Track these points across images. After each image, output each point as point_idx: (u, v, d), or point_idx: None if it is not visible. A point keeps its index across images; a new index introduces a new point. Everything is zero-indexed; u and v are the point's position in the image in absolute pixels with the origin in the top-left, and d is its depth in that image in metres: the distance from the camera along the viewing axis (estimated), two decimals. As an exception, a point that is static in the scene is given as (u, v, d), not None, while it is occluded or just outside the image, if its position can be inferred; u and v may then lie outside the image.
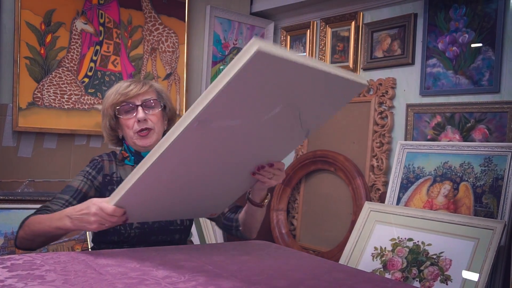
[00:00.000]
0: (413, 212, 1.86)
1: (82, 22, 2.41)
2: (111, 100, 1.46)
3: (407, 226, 1.82)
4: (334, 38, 2.81)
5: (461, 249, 1.62)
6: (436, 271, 1.63)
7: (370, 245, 1.88)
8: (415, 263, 1.70)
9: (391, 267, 1.76)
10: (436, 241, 1.71)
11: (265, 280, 0.93)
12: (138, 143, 1.47)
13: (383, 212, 1.93)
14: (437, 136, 2.22)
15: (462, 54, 2.14)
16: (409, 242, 1.78)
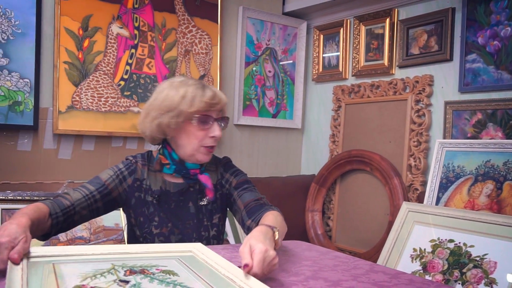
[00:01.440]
0: (453, 212, 1.79)
1: (117, 26, 2.46)
2: (192, 104, 1.34)
3: (447, 227, 1.75)
4: (368, 35, 2.76)
5: (507, 251, 1.54)
6: (480, 273, 1.56)
7: (409, 246, 1.82)
8: (457, 265, 1.63)
9: (431, 269, 1.70)
10: (479, 242, 1.63)
11: (303, 280, 0.91)
12: (199, 158, 1.40)
13: (421, 213, 1.87)
14: (477, 134, 2.15)
15: (504, 48, 2.06)
16: (450, 243, 1.71)
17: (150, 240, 1.36)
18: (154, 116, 1.37)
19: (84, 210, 1.31)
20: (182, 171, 1.42)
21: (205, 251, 1.07)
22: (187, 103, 1.34)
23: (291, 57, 3.20)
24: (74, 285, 0.81)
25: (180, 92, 1.35)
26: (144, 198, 1.39)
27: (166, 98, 1.36)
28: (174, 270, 0.93)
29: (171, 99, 1.35)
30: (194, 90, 1.35)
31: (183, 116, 1.34)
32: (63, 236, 1.99)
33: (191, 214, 1.42)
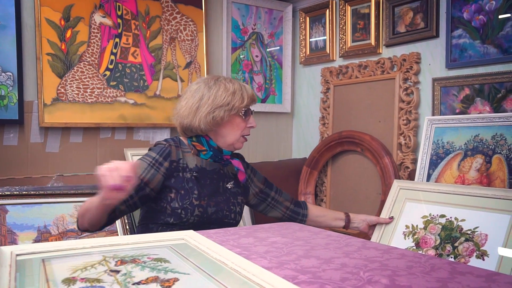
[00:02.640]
0: (444, 188, 1.79)
1: (100, 16, 2.42)
2: (243, 99, 1.60)
3: (438, 203, 1.75)
4: (354, 16, 2.74)
5: (497, 223, 1.54)
6: (472, 246, 1.57)
7: (401, 223, 1.83)
8: (449, 240, 1.64)
9: (424, 245, 1.70)
10: (470, 216, 1.64)
11: (294, 260, 0.91)
12: (238, 146, 1.66)
13: (412, 190, 1.87)
14: (466, 109, 2.15)
15: (489, 22, 2.05)
16: (441, 218, 1.71)
17: (190, 210, 1.53)
18: (208, 111, 1.56)
19: (122, 205, 1.45)
20: (218, 157, 1.64)
21: (197, 237, 1.06)
22: (238, 99, 1.59)
23: (278, 41, 3.18)
24: (64, 278, 0.80)
25: (230, 89, 1.59)
26: (183, 176, 1.56)
27: (217, 94, 1.58)
28: (166, 258, 0.93)
29: (222, 95, 1.58)
30: (239, 87, 1.62)
31: (235, 109, 1.58)
32: (54, 230, 1.97)
33: (221, 192, 1.64)
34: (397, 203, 1.87)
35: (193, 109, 1.58)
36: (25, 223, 1.94)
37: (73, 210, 2.06)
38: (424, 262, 0.89)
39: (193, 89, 1.62)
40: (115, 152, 2.48)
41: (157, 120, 2.62)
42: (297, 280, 0.78)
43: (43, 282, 0.78)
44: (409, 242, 1.74)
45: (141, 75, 2.57)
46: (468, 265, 0.91)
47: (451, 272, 0.82)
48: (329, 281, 0.77)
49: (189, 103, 1.59)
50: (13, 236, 1.89)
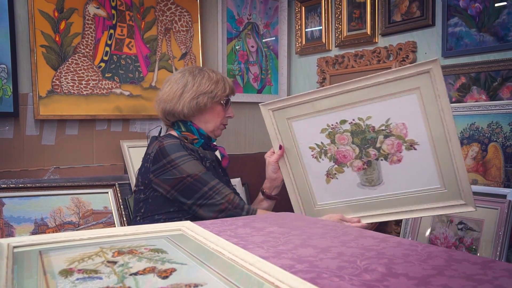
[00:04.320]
0: (326, 91, 1.48)
1: (94, 7, 2.40)
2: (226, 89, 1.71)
3: (327, 110, 1.48)
4: (350, 5, 2.73)
5: (407, 107, 1.37)
6: (396, 141, 1.40)
7: (303, 148, 1.58)
8: (367, 144, 1.45)
9: (344, 159, 1.49)
10: (373, 110, 1.42)
11: (291, 249, 0.92)
12: (218, 133, 1.75)
13: (288, 107, 1.57)
14: (462, 97, 2.15)
15: (485, 10, 2.05)
16: (344, 125, 1.47)
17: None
18: (192, 96, 1.66)
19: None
20: (207, 145, 1.72)
21: (194, 228, 1.06)
22: (221, 88, 1.69)
23: (274, 31, 3.16)
24: (61, 269, 0.80)
25: (213, 78, 1.69)
26: (205, 164, 1.64)
27: (202, 82, 1.67)
28: (163, 248, 0.93)
29: (206, 84, 1.67)
30: (222, 78, 1.72)
31: (218, 97, 1.69)
32: (51, 222, 1.97)
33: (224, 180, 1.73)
34: (282, 129, 1.61)
35: (176, 95, 1.67)
36: (22, 215, 1.94)
37: (70, 203, 2.06)
38: (421, 250, 0.89)
39: (176, 77, 1.72)
40: (111, 144, 2.48)
41: (153, 111, 2.59)
42: (294, 269, 0.78)
43: (41, 274, 0.78)
44: (326, 163, 1.55)
45: (137, 67, 2.55)
46: (465, 253, 0.92)
47: (447, 259, 0.82)
48: (326, 270, 0.78)
49: (173, 89, 1.69)
50: (10, 229, 1.89)
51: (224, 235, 1.02)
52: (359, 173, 1.50)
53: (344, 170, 1.53)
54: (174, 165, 1.55)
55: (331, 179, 1.56)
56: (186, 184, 1.54)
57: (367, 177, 1.49)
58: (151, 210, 1.61)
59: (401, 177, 1.44)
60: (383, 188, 1.47)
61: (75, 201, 2.07)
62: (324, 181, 1.58)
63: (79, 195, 2.10)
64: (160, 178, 1.58)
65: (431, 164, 1.39)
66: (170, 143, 1.59)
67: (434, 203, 1.41)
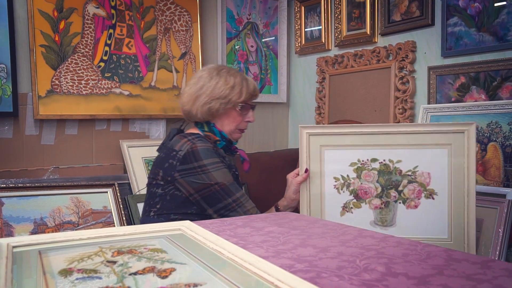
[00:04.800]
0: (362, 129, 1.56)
1: (93, 6, 2.40)
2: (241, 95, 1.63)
3: (362, 146, 1.55)
4: (349, 5, 2.73)
5: (435, 159, 1.46)
6: (418, 188, 1.48)
7: (327, 177, 1.60)
8: (391, 185, 1.51)
9: (364, 196, 1.54)
10: (405, 156, 1.50)
11: (291, 249, 0.92)
12: (235, 137, 1.70)
13: (326, 135, 1.60)
14: (461, 97, 2.15)
15: (484, 10, 2.05)
16: (373, 163, 1.53)
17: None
18: (205, 101, 1.61)
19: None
20: (228, 147, 1.69)
21: (193, 228, 1.06)
22: (236, 93, 1.62)
23: (273, 30, 3.16)
24: (60, 269, 0.80)
25: (230, 83, 1.62)
26: (230, 172, 1.60)
27: (217, 86, 1.61)
28: (163, 248, 0.93)
29: (221, 88, 1.61)
30: (240, 81, 1.64)
31: (231, 103, 1.62)
32: (51, 222, 1.97)
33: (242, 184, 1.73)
34: (313, 154, 1.63)
35: (192, 97, 1.63)
36: (21, 215, 1.94)
37: (69, 202, 2.06)
38: (420, 250, 0.89)
39: (197, 76, 1.67)
40: (111, 144, 2.48)
41: (153, 111, 2.61)
42: (293, 269, 0.78)
43: (40, 273, 0.78)
44: (346, 196, 1.58)
45: (136, 66, 2.55)
46: (464, 252, 0.92)
47: (446, 259, 0.82)
48: (326, 269, 0.78)
49: (191, 90, 1.65)
50: (10, 228, 1.89)
51: (224, 235, 1.02)
52: (375, 211, 1.54)
53: (361, 205, 1.56)
54: (205, 170, 1.52)
55: (346, 212, 1.57)
56: (212, 192, 1.52)
57: (382, 217, 1.53)
58: (168, 208, 1.57)
59: (413, 223, 1.49)
60: (393, 230, 1.51)
61: (74, 201, 2.07)
62: (338, 213, 1.58)
63: (79, 195, 2.10)
64: (186, 180, 1.54)
65: (444, 215, 1.45)
66: (204, 148, 1.56)
67: None
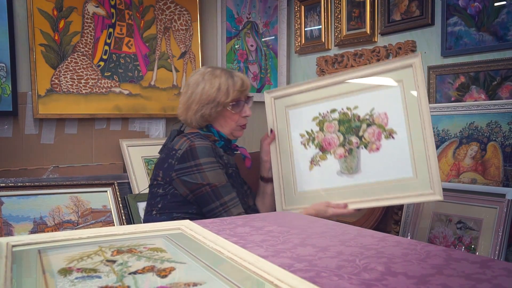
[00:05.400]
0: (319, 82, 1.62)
1: (93, 5, 2.40)
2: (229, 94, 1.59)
3: (321, 99, 1.61)
4: (349, 4, 2.73)
5: (390, 98, 1.46)
6: (377, 130, 1.49)
7: (294, 135, 1.68)
8: (351, 132, 1.54)
9: (328, 147, 1.59)
10: (360, 101, 1.53)
11: (291, 248, 0.92)
12: (236, 135, 1.68)
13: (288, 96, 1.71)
14: (461, 97, 2.15)
15: (484, 9, 2.05)
16: (333, 113, 1.58)
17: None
18: (196, 109, 1.60)
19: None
20: (228, 146, 1.68)
21: (193, 227, 1.06)
22: (223, 94, 1.59)
23: (273, 30, 3.16)
24: (60, 268, 0.80)
25: (215, 85, 1.59)
26: (228, 171, 1.60)
27: (204, 92, 1.59)
28: (162, 247, 0.93)
29: (208, 93, 1.59)
30: (225, 81, 1.60)
31: (221, 105, 1.60)
32: (50, 221, 1.97)
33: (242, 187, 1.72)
34: (279, 116, 1.74)
35: (185, 106, 1.64)
36: (21, 214, 1.94)
37: (69, 201, 2.06)
38: (420, 249, 0.89)
39: (187, 84, 1.68)
40: (110, 143, 2.48)
41: (152, 110, 2.61)
42: (293, 268, 0.78)
43: (40, 273, 0.78)
44: (312, 150, 1.64)
45: (136, 66, 2.55)
46: (464, 252, 0.92)
47: (446, 258, 0.82)
48: (325, 269, 0.78)
49: (183, 99, 1.66)
50: (9, 227, 1.89)
51: (224, 234, 1.02)
52: (340, 160, 1.57)
53: (327, 157, 1.61)
54: (200, 169, 1.51)
55: (314, 166, 1.63)
56: (203, 193, 1.52)
57: (347, 165, 1.56)
58: (170, 207, 1.57)
59: (377, 166, 1.50)
60: (359, 176, 1.53)
61: (74, 200, 2.07)
62: (307, 168, 1.64)
63: (78, 194, 2.10)
64: (181, 179, 1.53)
65: (406, 153, 1.44)
66: (202, 146, 1.55)
67: (406, 192, 1.45)
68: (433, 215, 1.92)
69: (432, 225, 1.91)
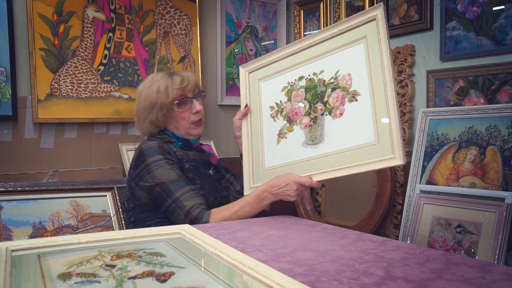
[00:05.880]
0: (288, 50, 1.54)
1: (93, 10, 2.41)
2: (168, 94, 1.55)
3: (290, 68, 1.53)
4: (348, 9, 2.74)
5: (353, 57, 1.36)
6: (341, 93, 1.38)
7: (265, 108, 1.59)
8: (317, 98, 1.44)
9: (295, 117, 1.49)
10: (326, 64, 1.43)
11: (290, 252, 0.92)
12: (193, 133, 1.63)
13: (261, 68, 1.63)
14: (460, 101, 2.16)
15: (483, 14, 2.05)
16: (301, 81, 1.50)
17: None
18: (143, 117, 1.60)
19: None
20: (187, 146, 1.64)
21: (192, 231, 1.06)
22: (163, 96, 1.55)
23: (272, 34, 3.17)
24: (59, 273, 0.80)
25: (154, 89, 1.57)
26: (183, 166, 1.55)
27: (146, 98, 1.58)
28: (161, 252, 0.93)
29: (148, 98, 1.57)
30: (164, 82, 1.57)
31: (165, 107, 1.56)
32: (49, 225, 1.97)
33: (211, 180, 1.65)
34: (252, 90, 1.65)
35: (136, 118, 1.65)
36: (20, 219, 1.93)
37: (68, 206, 2.05)
38: (419, 254, 0.89)
39: (137, 94, 1.67)
40: (110, 147, 2.48)
41: (152, 114, 2.60)
42: (292, 273, 0.78)
43: (39, 277, 0.78)
44: (280, 123, 1.54)
45: (135, 70, 2.56)
46: (463, 256, 0.92)
47: (445, 263, 0.82)
48: (325, 273, 0.78)
49: (134, 111, 1.66)
50: (8, 232, 1.88)
51: (223, 239, 1.02)
52: (305, 130, 1.46)
53: (293, 128, 1.51)
54: (149, 169, 1.48)
55: (281, 139, 1.53)
56: (156, 194, 1.47)
57: (312, 135, 1.45)
58: (141, 218, 1.55)
59: (340, 133, 1.38)
60: (323, 146, 1.42)
61: (73, 205, 2.07)
62: (275, 142, 1.54)
63: (78, 198, 2.09)
64: (138, 185, 1.51)
65: (368, 116, 1.32)
66: (148, 146, 1.53)
67: (367, 159, 1.32)
68: (433, 219, 1.92)
69: (431, 229, 1.91)
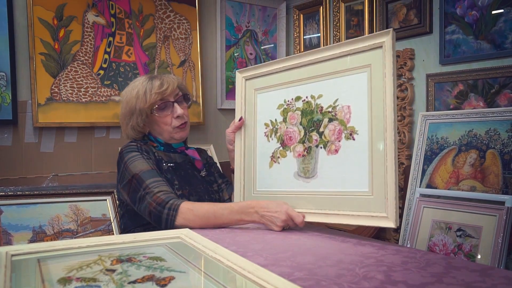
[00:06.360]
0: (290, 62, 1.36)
1: (93, 15, 2.41)
2: (146, 99, 1.52)
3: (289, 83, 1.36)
4: (348, 13, 2.75)
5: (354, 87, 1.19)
6: (338, 127, 1.23)
7: (260, 124, 1.44)
8: (313, 126, 1.30)
9: (289, 142, 1.36)
10: (325, 88, 1.27)
11: (291, 257, 0.91)
12: (177, 137, 1.58)
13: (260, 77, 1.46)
14: (460, 105, 2.16)
15: (482, 18, 2.06)
16: (298, 102, 1.34)
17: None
18: (125, 122, 1.58)
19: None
20: (171, 150, 1.61)
21: (193, 236, 1.06)
22: (142, 101, 1.52)
23: (272, 38, 3.18)
24: (59, 278, 0.80)
25: (133, 94, 1.54)
26: (161, 167, 1.51)
27: (126, 104, 1.56)
28: (162, 256, 0.93)
29: (129, 103, 1.55)
30: (143, 87, 1.53)
31: (144, 112, 1.53)
32: (49, 230, 1.97)
33: (199, 182, 1.61)
34: (248, 100, 1.48)
35: (121, 124, 1.63)
36: (20, 223, 1.93)
37: (68, 210, 2.05)
38: (419, 258, 0.89)
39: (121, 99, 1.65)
40: (110, 151, 2.47)
41: (152, 118, 2.61)
42: (293, 277, 0.78)
43: (39, 282, 0.78)
44: (273, 144, 1.40)
45: (135, 74, 2.56)
46: (463, 260, 0.92)
47: (446, 267, 0.82)
48: (325, 277, 0.78)
49: (119, 118, 1.64)
50: (8, 236, 1.88)
51: (223, 243, 1.02)
52: (299, 160, 1.34)
53: (286, 154, 1.38)
54: (126, 167, 1.45)
55: (274, 163, 1.40)
56: (132, 186, 1.41)
57: (304, 166, 1.32)
58: (129, 225, 1.53)
59: (333, 172, 1.24)
60: (315, 182, 1.28)
61: (73, 209, 2.06)
62: (267, 164, 1.41)
63: (78, 203, 2.09)
64: (122, 187, 1.47)
65: (364, 160, 1.16)
66: (127, 146, 1.51)
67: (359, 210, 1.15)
68: (433, 223, 1.92)
69: (431, 233, 1.91)
